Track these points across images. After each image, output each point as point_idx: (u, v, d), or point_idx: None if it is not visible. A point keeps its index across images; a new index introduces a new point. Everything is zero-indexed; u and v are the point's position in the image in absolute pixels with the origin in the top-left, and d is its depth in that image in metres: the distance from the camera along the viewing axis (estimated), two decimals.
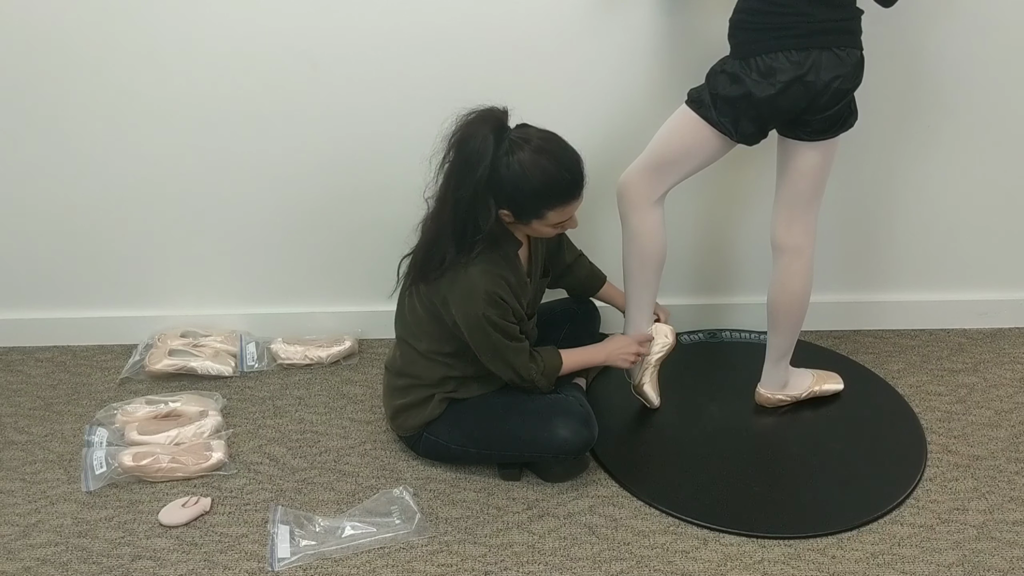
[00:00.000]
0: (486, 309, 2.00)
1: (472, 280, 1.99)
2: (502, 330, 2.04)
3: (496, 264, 2.03)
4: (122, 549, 2.03)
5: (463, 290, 2.01)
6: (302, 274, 2.70)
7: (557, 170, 1.93)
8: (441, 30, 2.35)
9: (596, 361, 2.25)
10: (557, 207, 1.96)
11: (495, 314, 2.02)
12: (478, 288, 1.99)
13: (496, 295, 2.01)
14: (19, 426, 2.43)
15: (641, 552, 2.01)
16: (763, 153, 2.24)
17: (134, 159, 2.51)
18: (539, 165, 1.91)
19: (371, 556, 2.00)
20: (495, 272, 2.02)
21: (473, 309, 2.00)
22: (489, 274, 2.01)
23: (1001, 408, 2.48)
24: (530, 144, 1.92)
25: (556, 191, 1.94)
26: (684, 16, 2.35)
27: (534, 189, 1.92)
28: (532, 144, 1.92)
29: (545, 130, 1.97)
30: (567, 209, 1.98)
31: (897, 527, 2.08)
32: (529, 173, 1.91)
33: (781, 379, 2.40)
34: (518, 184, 1.92)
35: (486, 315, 2.01)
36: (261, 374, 2.63)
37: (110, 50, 2.37)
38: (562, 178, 1.93)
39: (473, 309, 2.00)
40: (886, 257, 2.73)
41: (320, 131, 2.48)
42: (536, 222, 1.99)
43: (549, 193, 1.94)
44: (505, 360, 2.08)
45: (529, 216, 1.98)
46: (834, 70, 1.93)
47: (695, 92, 2.09)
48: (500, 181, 1.92)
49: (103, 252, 2.65)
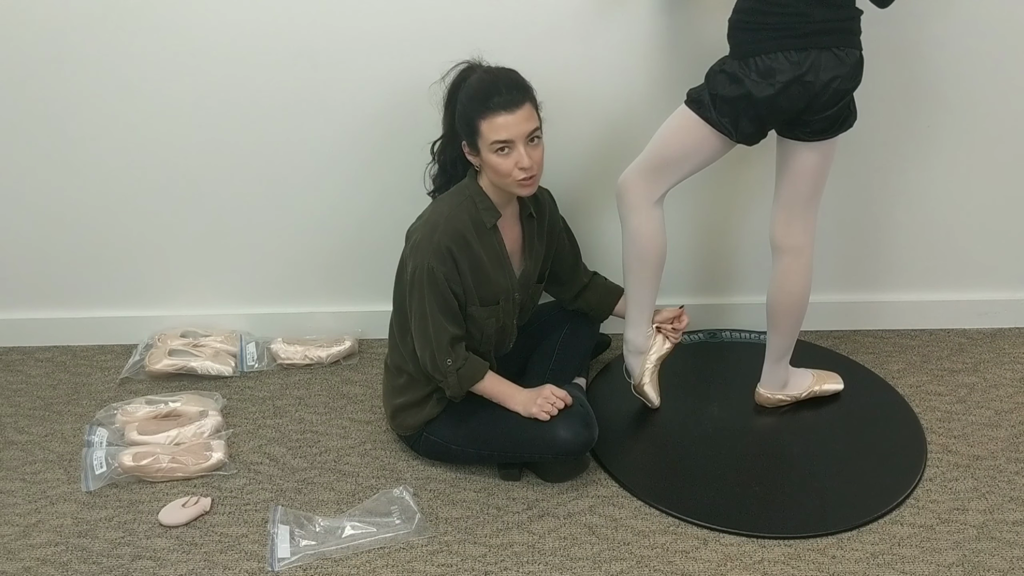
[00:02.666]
0: (432, 260, 2.01)
1: (434, 222, 2.05)
2: (441, 295, 2.03)
3: (464, 226, 2.05)
4: (122, 549, 2.03)
5: (424, 232, 2.04)
6: (302, 274, 2.71)
7: (490, 79, 2.00)
8: (441, 30, 2.35)
9: (512, 402, 2.13)
10: (487, 116, 1.97)
11: (441, 271, 2.01)
12: (436, 231, 2.03)
13: (449, 249, 2.02)
14: (19, 426, 2.43)
15: (641, 552, 2.01)
16: (762, 153, 2.24)
17: (134, 159, 2.51)
18: (479, 79, 2.02)
19: (371, 556, 2.00)
20: (459, 230, 2.04)
21: (422, 257, 2.02)
22: (452, 227, 2.04)
23: (1001, 408, 2.48)
24: (480, 69, 2.06)
25: (480, 96, 1.98)
26: (684, 16, 2.35)
27: (469, 97, 2.00)
28: (482, 68, 2.06)
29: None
30: (497, 122, 1.96)
31: (897, 527, 2.08)
32: (469, 86, 2.02)
33: (781, 379, 2.40)
34: (462, 99, 2.02)
35: (431, 266, 2.01)
36: (261, 374, 2.63)
37: (110, 51, 2.37)
38: (492, 86, 1.98)
39: (422, 257, 2.02)
40: (886, 257, 2.73)
41: (320, 131, 2.48)
42: (482, 146, 2.00)
43: (477, 100, 1.98)
44: (427, 334, 2.06)
45: (472, 135, 2.01)
46: (833, 70, 1.93)
47: (694, 92, 2.08)
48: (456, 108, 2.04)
49: (103, 252, 2.65)
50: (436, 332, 2.05)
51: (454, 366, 2.08)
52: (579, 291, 2.40)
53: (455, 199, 2.09)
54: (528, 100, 1.99)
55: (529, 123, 1.98)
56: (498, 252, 2.12)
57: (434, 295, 2.03)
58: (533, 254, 2.21)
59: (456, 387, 2.11)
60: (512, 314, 2.20)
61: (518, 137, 1.97)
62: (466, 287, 2.07)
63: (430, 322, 2.05)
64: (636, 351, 2.34)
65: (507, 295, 2.16)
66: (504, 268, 2.14)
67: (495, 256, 2.11)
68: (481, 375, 2.12)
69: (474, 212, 2.07)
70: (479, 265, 2.08)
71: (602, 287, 2.42)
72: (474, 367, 2.11)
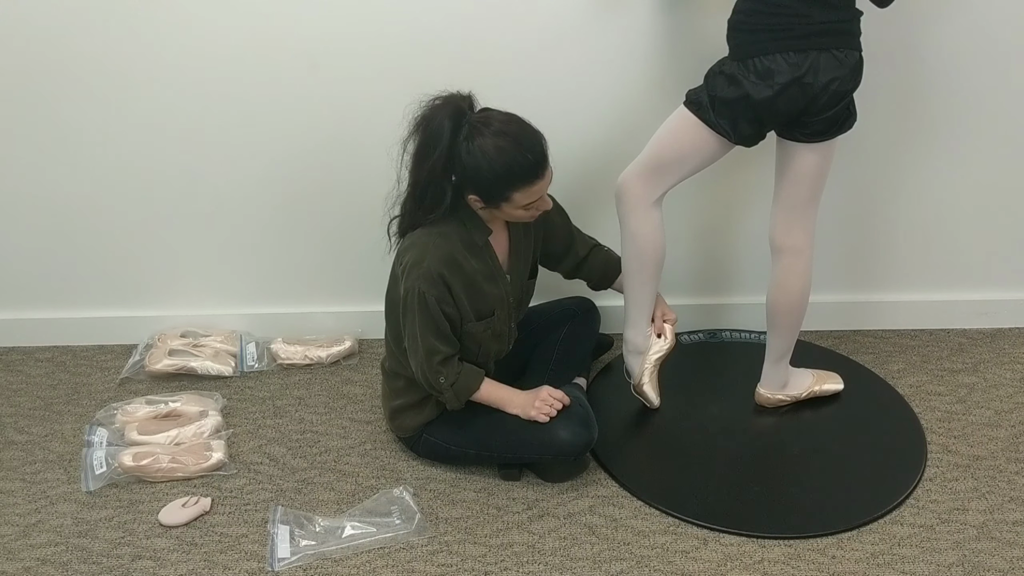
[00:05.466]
0: (423, 284, 1.99)
1: (424, 245, 2.01)
2: (432, 319, 2.01)
3: (455, 248, 2.03)
4: (122, 549, 2.03)
5: (414, 257, 2.01)
6: (302, 274, 2.71)
7: (518, 151, 1.93)
8: (441, 30, 2.35)
9: (510, 406, 2.13)
10: (522, 189, 1.95)
11: (432, 295, 2.00)
12: (426, 256, 2.00)
13: (441, 275, 2.00)
14: (19, 426, 2.43)
15: (641, 552, 2.01)
16: (762, 154, 2.24)
17: (134, 159, 2.51)
18: (499, 148, 1.91)
19: (371, 556, 2.00)
20: (449, 253, 2.02)
21: (413, 282, 2.00)
22: (441, 252, 2.01)
23: (1001, 408, 2.48)
24: (490, 128, 1.93)
25: (518, 173, 1.94)
26: (683, 16, 2.35)
27: (496, 173, 1.93)
28: (492, 127, 1.93)
29: (507, 112, 1.98)
30: (533, 190, 1.96)
31: (897, 527, 2.08)
32: (490, 157, 1.92)
33: (781, 379, 2.40)
34: (480, 168, 1.93)
35: (422, 291, 1.99)
36: (261, 374, 2.63)
37: (109, 50, 2.37)
38: (523, 159, 1.93)
39: (413, 282, 2.00)
40: (886, 257, 2.73)
41: (320, 131, 2.48)
42: (505, 205, 1.99)
43: (511, 175, 1.94)
44: (418, 355, 2.05)
45: (496, 200, 1.98)
46: (832, 72, 1.93)
47: (693, 93, 2.08)
48: (463, 167, 1.94)
49: (103, 252, 2.65)
50: (427, 353, 2.05)
51: (448, 382, 2.08)
52: (576, 264, 2.36)
53: (444, 221, 2.05)
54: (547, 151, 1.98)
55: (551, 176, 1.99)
56: (491, 266, 2.11)
57: (426, 319, 2.02)
58: (521, 254, 2.21)
59: (453, 400, 2.11)
60: (508, 319, 2.20)
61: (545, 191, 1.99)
62: (461, 307, 2.07)
63: (420, 344, 2.04)
64: (636, 351, 2.34)
65: (502, 302, 2.16)
66: (497, 279, 2.13)
67: (488, 271, 2.11)
68: (477, 385, 2.12)
69: (464, 233, 2.06)
70: (472, 282, 2.07)
71: (602, 258, 2.37)
72: (468, 379, 2.11)
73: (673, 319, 2.35)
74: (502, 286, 2.15)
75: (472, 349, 2.14)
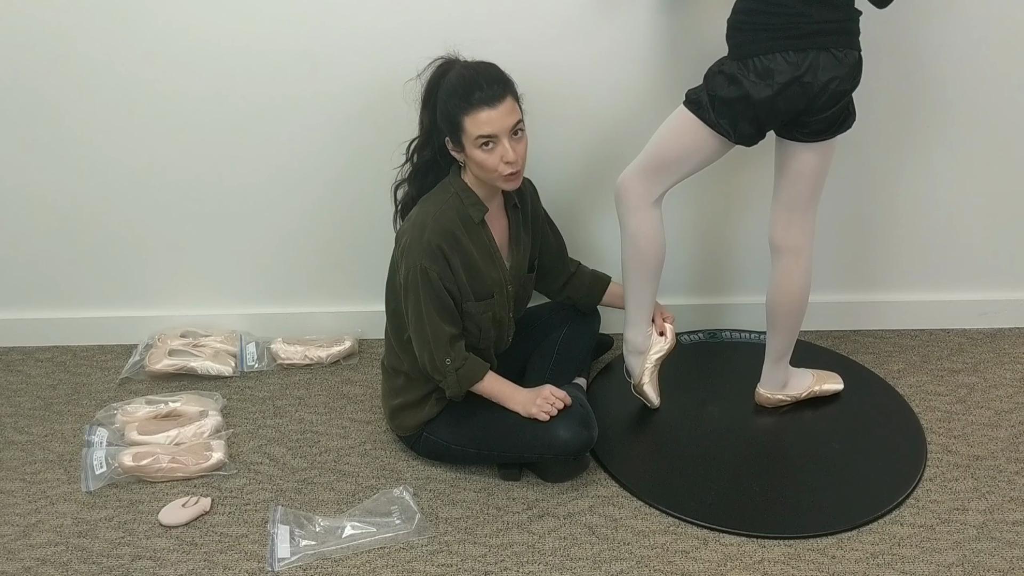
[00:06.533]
0: (424, 260, 2.01)
1: (422, 222, 2.05)
2: (436, 295, 2.03)
3: (453, 223, 2.05)
4: (122, 549, 2.03)
5: (413, 235, 2.04)
6: (302, 274, 2.71)
7: (473, 76, 1.99)
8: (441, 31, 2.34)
9: (511, 402, 2.14)
10: (470, 112, 1.96)
11: (434, 270, 2.02)
12: (425, 231, 2.02)
13: (440, 248, 2.02)
14: (19, 426, 2.43)
15: (641, 552, 2.01)
16: (762, 154, 2.24)
17: (134, 159, 2.51)
18: (460, 75, 2.00)
19: (371, 556, 2.00)
20: (448, 227, 2.04)
21: (414, 259, 2.02)
22: (440, 225, 2.03)
23: (1001, 408, 2.48)
24: (462, 63, 2.04)
25: (462, 92, 1.97)
26: (683, 16, 2.35)
27: (449, 93, 2.00)
28: (463, 63, 2.04)
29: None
30: (481, 118, 1.96)
31: (897, 527, 2.08)
32: (451, 83, 2.00)
33: (781, 379, 2.40)
34: (443, 97, 2.01)
35: (423, 267, 2.01)
36: (261, 374, 2.63)
37: (110, 50, 2.37)
38: (475, 81, 1.97)
39: (414, 259, 2.02)
40: (886, 257, 2.73)
41: (320, 131, 2.48)
42: (466, 142, 1.99)
43: (461, 98, 1.97)
44: (424, 335, 2.06)
45: (456, 132, 2.00)
46: (832, 71, 1.93)
47: (693, 93, 2.08)
48: (436, 101, 2.03)
49: (103, 252, 2.65)
50: (433, 332, 2.06)
51: (453, 365, 2.08)
52: (565, 281, 2.39)
53: (441, 197, 2.09)
54: (509, 93, 1.99)
55: (511, 116, 1.98)
56: (488, 246, 2.12)
57: (429, 296, 2.03)
58: (521, 244, 2.21)
59: (456, 387, 2.11)
60: (507, 307, 2.20)
61: (502, 131, 1.97)
62: (460, 284, 2.07)
63: (427, 323, 2.05)
64: (636, 351, 2.34)
65: (500, 288, 2.16)
66: (495, 261, 2.14)
67: (485, 250, 2.12)
68: (481, 375, 2.12)
69: (461, 208, 2.07)
70: (470, 260, 2.08)
71: (588, 275, 2.42)
72: (474, 367, 2.11)
73: (671, 318, 2.36)
74: (500, 271, 2.15)
75: (473, 332, 2.14)
